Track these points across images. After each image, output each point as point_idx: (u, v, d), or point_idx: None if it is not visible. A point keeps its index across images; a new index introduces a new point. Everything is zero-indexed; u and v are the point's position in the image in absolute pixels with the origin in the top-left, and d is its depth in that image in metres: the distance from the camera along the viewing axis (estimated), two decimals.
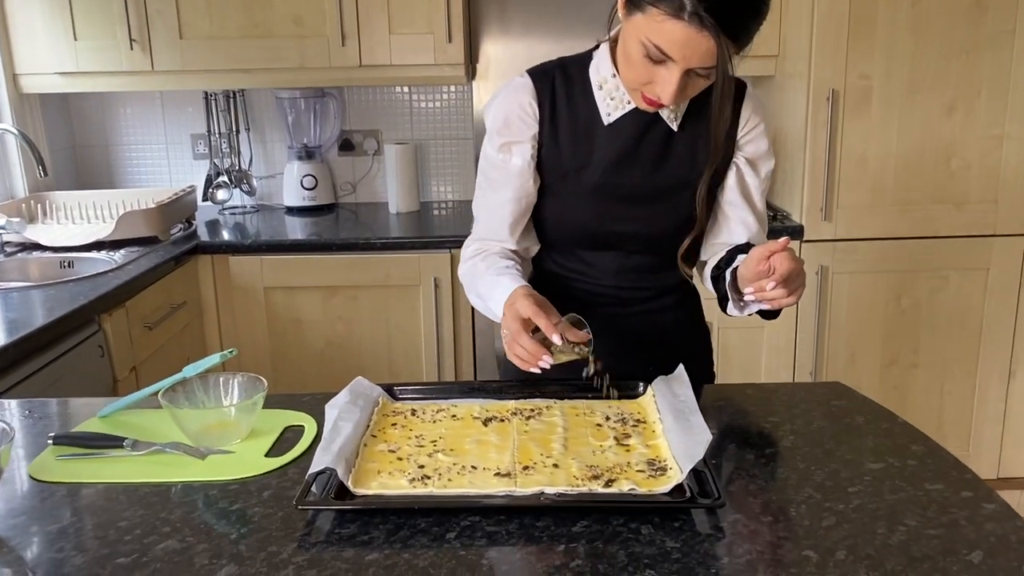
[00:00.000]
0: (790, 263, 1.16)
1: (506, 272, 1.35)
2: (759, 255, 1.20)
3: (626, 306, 1.46)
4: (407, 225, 2.82)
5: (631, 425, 1.22)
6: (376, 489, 1.06)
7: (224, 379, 1.28)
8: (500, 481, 1.07)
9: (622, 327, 1.47)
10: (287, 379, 2.64)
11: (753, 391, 1.37)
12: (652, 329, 1.48)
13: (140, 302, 2.22)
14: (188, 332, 2.53)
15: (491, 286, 1.35)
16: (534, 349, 1.20)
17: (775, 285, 1.17)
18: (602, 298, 1.46)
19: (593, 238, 1.42)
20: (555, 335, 1.19)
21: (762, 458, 1.14)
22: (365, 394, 1.29)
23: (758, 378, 2.66)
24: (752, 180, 1.40)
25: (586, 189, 1.38)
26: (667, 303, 1.48)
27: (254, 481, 1.11)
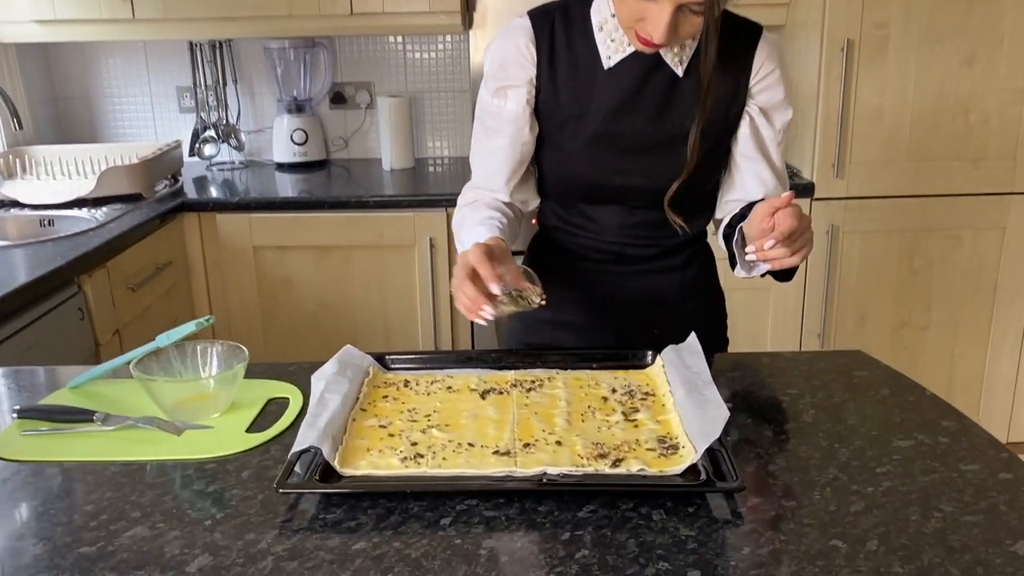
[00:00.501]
0: (791, 220, 1.08)
1: (485, 223, 1.28)
2: (763, 211, 1.11)
3: (630, 264, 1.38)
4: (401, 182, 2.72)
5: (639, 398, 1.13)
6: (365, 469, 0.98)
7: (202, 348, 1.19)
8: (499, 460, 0.99)
9: (626, 287, 1.39)
10: (278, 342, 2.56)
11: (769, 360, 1.28)
12: (658, 290, 1.40)
13: (122, 262, 2.13)
14: (175, 293, 2.44)
15: (468, 236, 1.28)
16: (475, 297, 1.09)
17: (774, 244, 1.09)
18: (605, 255, 1.38)
19: (594, 191, 1.33)
20: (494, 284, 1.09)
21: (781, 435, 1.06)
22: (354, 364, 1.21)
23: (764, 341, 2.58)
24: (767, 132, 1.30)
25: (585, 138, 1.29)
26: (674, 263, 1.39)
27: (233, 459, 1.03)
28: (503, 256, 1.17)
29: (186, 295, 2.52)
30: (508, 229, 1.31)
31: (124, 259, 2.14)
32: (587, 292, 1.40)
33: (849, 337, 2.60)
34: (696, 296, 1.42)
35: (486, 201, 1.36)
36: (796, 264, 1.13)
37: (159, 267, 2.32)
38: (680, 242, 1.37)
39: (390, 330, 2.54)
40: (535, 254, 1.47)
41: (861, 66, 2.39)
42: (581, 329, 1.41)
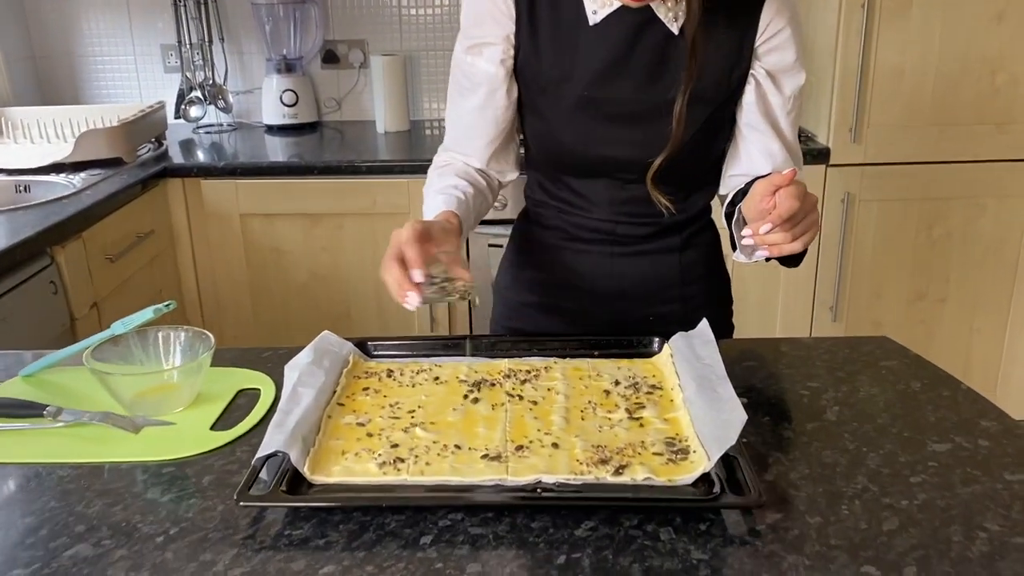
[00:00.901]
0: (792, 201, 0.95)
1: (446, 192, 1.18)
2: (763, 189, 0.99)
3: (623, 244, 1.26)
4: (396, 146, 2.59)
5: (645, 392, 1.03)
6: (338, 476, 0.88)
7: (164, 335, 1.08)
8: (488, 466, 0.88)
9: (619, 270, 1.27)
10: (267, 314, 2.46)
11: (787, 347, 1.17)
12: (654, 273, 1.28)
13: (100, 232, 2.02)
14: (159, 264, 2.33)
15: (429, 203, 1.19)
16: (398, 281, 0.97)
17: (771, 227, 0.97)
18: (596, 234, 1.26)
19: (579, 163, 1.21)
20: (416, 271, 0.97)
21: (802, 435, 0.95)
22: (332, 352, 1.10)
23: (774, 314, 2.47)
24: (775, 99, 1.17)
25: (568, 104, 1.17)
26: (672, 243, 1.27)
27: (195, 462, 0.93)
28: (444, 236, 1.06)
29: (171, 266, 2.41)
30: (471, 202, 1.20)
31: (102, 228, 2.03)
32: (576, 274, 1.28)
33: (863, 310, 2.49)
34: (698, 280, 1.30)
35: (456, 167, 1.25)
36: (797, 251, 1.00)
37: (140, 236, 2.21)
38: (679, 220, 1.25)
39: (383, 302, 2.43)
40: (521, 231, 1.36)
41: (882, 21, 2.25)
42: (569, 315, 1.30)
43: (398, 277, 0.97)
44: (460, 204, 1.17)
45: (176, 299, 2.46)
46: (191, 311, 2.47)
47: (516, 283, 1.35)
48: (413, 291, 0.96)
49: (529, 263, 1.32)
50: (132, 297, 2.15)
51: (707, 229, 1.30)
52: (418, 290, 0.97)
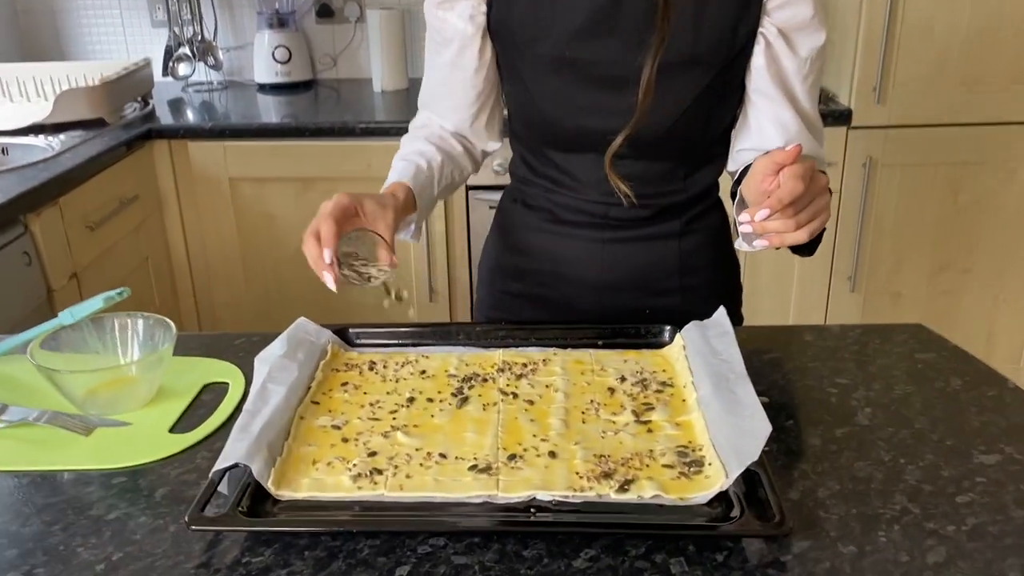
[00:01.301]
0: (795, 183, 0.83)
1: (405, 159, 1.09)
2: (764, 167, 0.87)
3: (615, 229, 1.12)
4: (393, 106, 2.46)
5: (654, 391, 0.92)
6: (307, 490, 0.78)
7: (122, 323, 0.98)
8: (477, 480, 0.78)
9: (611, 257, 1.13)
10: (260, 283, 2.36)
11: (811, 337, 1.06)
12: (651, 262, 1.14)
13: (78, 198, 1.91)
14: (145, 231, 2.22)
15: (393, 167, 1.10)
16: (314, 257, 0.90)
17: (769, 214, 0.84)
18: (584, 217, 1.12)
19: (562, 135, 1.08)
20: (326, 250, 0.88)
21: (831, 443, 0.85)
22: (308, 342, 1.00)
23: (789, 284, 2.35)
24: (789, 62, 1.02)
25: (545, 66, 1.04)
26: (672, 228, 1.13)
27: (149, 471, 0.83)
28: (378, 212, 0.95)
29: (158, 233, 2.30)
30: (437, 171, 1.09)
31: (80, 194, 1.92)
32: (563, 262, 1.15)
33: (883, 281, 2.37)
34: (700, 269, 1.16)
35: (430, 130, 1.15)
36: (802, 241, 0.87)
37: (124, 202, 2.10)
38: (680, 201, 1.11)
39: None
40: (505, 212, 1.23)
41: None
42: (554, 307, 1.18)
43: (314, 255, 0.89)
44: (419, 174, 1.06)
45: (165, 267, 2.38)
46: (181, 281, 2.37)
47: (498, 269, 1.23)
48: (327, 271, 0.88)
49: (512, 247, 1.20)
50: (116, 266, 2.05)
51: (712, 211, 1.16)
52: (331, 269, 0.88)
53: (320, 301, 2.41)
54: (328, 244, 0.88)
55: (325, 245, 0.88)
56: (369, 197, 0.96)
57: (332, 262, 0.88)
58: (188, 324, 2.40)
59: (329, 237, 0.88)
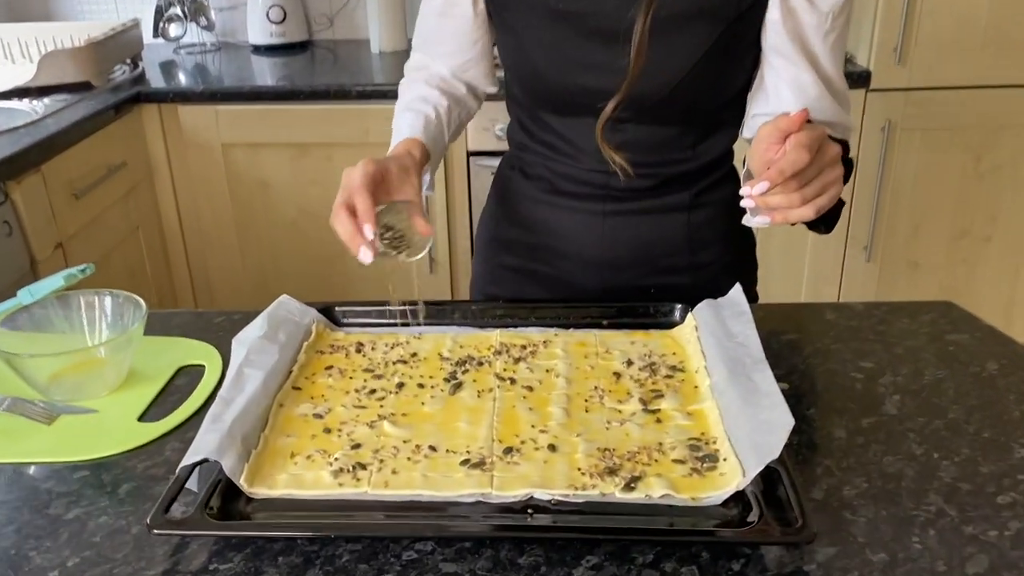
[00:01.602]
0: (800, 153, 0.74)
1: (413, 109, 1.02)
2: (768, 135, 0.79)
3: (618, 201, 1.04)
4: (391, 67, 2.37)
5: (663, 376, 0.85)
6: (284, 487, 0.71)
7: (89, 301, 0.91)
8: (469, 476, 0.71)
9: (614, 232, 1.05)
10: (255, 253, 2.28)
11: (833, 315, 0.99)
12: (657, 237, 1.05)
13: (62, 165, 1.83)
14: (135, 199, 2.14)
15: (396, 121, 1.03)
16: (349, 235, 0.83)
17: (768, 187, 0.75)
18: (585, 187, 1.04)
19: (558, 96, 0.99)
20: (367, 226, 0.82)
21: (857, 435, 0.77)
22: (290, 322, 0.92)
23: (802, 252, 2.27)
24: (808, 16, 0.92)
25: (538, 18, 0.95)
26: (680, 200, 1.04)
27: (114, 464, 0.77)
28: (403, 177, 0.90)
29: (149, 201, 2.23)
30: (444, 117, 1.04)
31: (65, 161, 1.84)
32: (561, 236, 1.07)
33: (900, 249, 2.28)
34: (712, 245, 1.07)
35: (429, 73, 1.08)
36: (807, 218, 0.78)
37: (111, 169, 2.01)
38: (690, 171, 1.03)
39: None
40: (502, 180, 1.15)
41: None
42: (552, 284, 1.10)
43: (350, 230, 0.82)
44: (429, 125, 1.01)
45: (157, 237, 2.30)
46: (174, 251, 2.30)
47: (495, 241, 1.15)
48: (366, 247, 0.82)
49: (510, 218, 1.12)
50: (104, 236, 1.98)
51: (725, 182, 1.07)
52: (371, 246, 0.82)
53: (318, 271, 2.35)
54: (367, 219, 0.82)
55: (364, 220, 0.82)
56: (392, 161, 0.90)
57: (374, 238, 0.82)
58: (183, 296, 2.33)
59: (367, 211, 0.82)
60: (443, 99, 1.04)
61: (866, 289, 2.30)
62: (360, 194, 0.82)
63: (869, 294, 2.30)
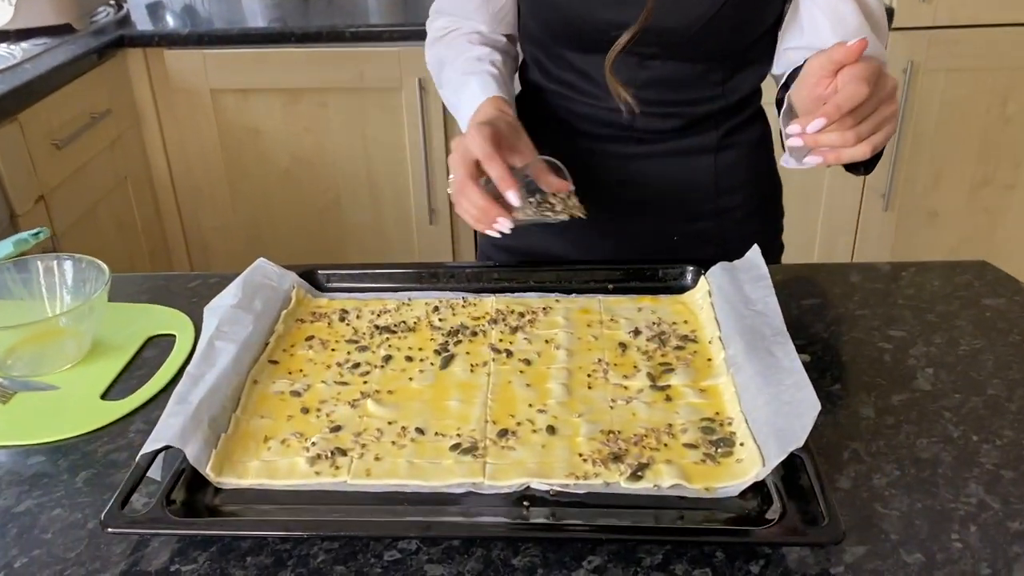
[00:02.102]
0: (858, 86, 0.68)
1: (476, 71, 0.93)
2: (819, 68, 0.72)
3: (643, 143, 0.97)
4: (387, 8, 2.25)
5: (674, 347, 0.78)
6: (255, 476, 0.65)
7: (47, 266, 0.84)
8: (459, 463, 0.65)
9: (638, 175, 0.98)
10: (248, 204, 2.20)
11: (859, 277, 0.91)
12: (682, 180, 0.99)
13: (42, 113, 1.74)
14: (121, 148, 2.06)
15: (457, 90, 0.94)
16: (485, 206, 0.78)
17: (825, 124, 0.68)
18: (608, 128, 0.97)
19: (581, 31, 0.92)
20: (512, 192, 0.77)
21: (887, 414, 0.70)
22: (268, 288, 0.85)
23: (817, 200, 2.18)
24: None
25: None
26: (707, 140, 0.97)
27: (72, 447, 0.70)
28: (514, 137, 0.84)
29: (137, 150, 2.14)
30: (503, 74, 0.95)
31: (45, 109, 1.75)
32: (583, 182, 1.00)
33: (919, 198, 2.19)
34: (738, 189, 1.01)
35: (463, 33, 0.99)
36: (863, 157, 0.72)
37: (95, 117, 1.93)
38: (717, 110, 0.95)
39: (377, 189, 2.17)
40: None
41: None
42: (574, 233, 1.02)
43: (483, 203, 0.78)
44: (498, 82, 0.92)
45: (147, 188, 2.22)
46: (165, 203, 2.22)
47: None
48: (505, 217, 0.78)
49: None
50: (90, 187, 1.90)
51: (754, 122, 1.00)
52: (510, 215, 0.78)
53: (312, 222, 2.26)
54: (511, 184, 0.77)
55: (507, 187, 0.77)
56: (501, 122, 0.84)
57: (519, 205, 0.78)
58: (176, 249, 2.26)
59: (508, 177, 0.77)
60: (494, 53, 0.96)
61: (883, 240, 2.21)
62: (493, 160, 0.77)
63: (886, 245, 2.22)
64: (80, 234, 1.85)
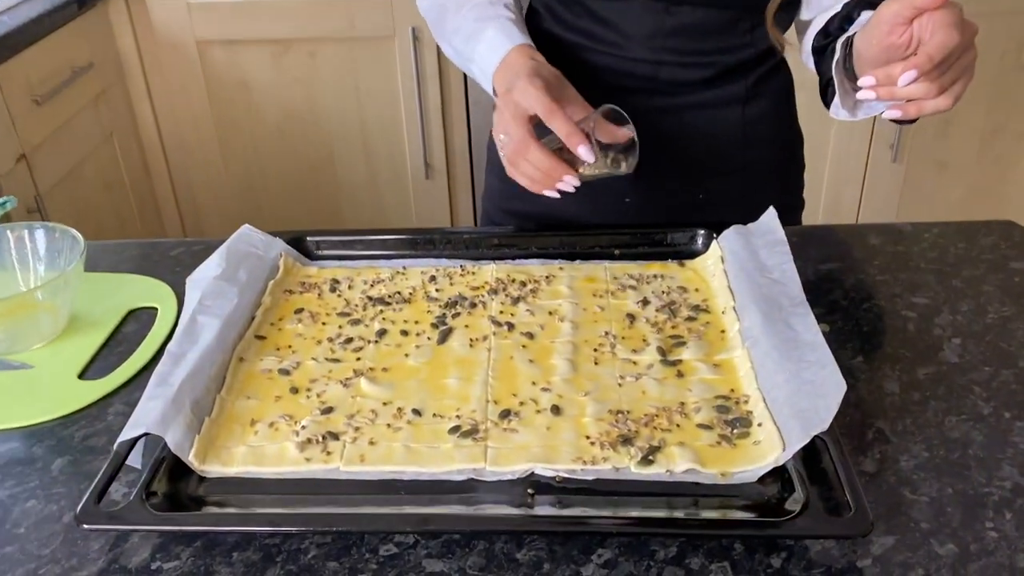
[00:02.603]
0: (948, 33, 0.63)
1: (491, 19, 0.85)
2: (894, 14, 0.65)
3: (668, 95, 0.91)
4: None
5: (685, 318, 0.73)
6: (242, 464, 0.61)
7: (18, 236, 0.79)
8: (459, 448, 0.61)
9: (662, 131, 0.92)
10: (239, 160, 2.14)
11: (878, 239, 0.86)
12: (710, 133, 0.93)
13: (19, 67, 1.67)
14: (106, 103, 1.99)
15: (469, 38, 0.86)
16: (551, 167, 0.73)
17: (915, 76, 0.64)
18: (629, 80, 0.90)
19: None
20: (583, 147, 0.72)
21: (912, 390, 0.66)
22: (253, 257, 0.80)
23: (824, 152, 2.12)
24: None
25: None
26: (735, 92, 0.91)
27: (48, 432, 0.66)
28: (561, 88, 0.78)
29: (122, 105, 2.07)
30: (521, 20, 0.88)
31: (22, 62, 1.68)
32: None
33: (928, 148, 2.13)
34: (765, 142, 0.96)
35: None
36: (945, 109, 0.68)
37: (76, 71, 1.85)
38: (746, 58, 0.90)
39: (371, 145, 2.10)
40: None
41: None
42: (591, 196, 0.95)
43: (549, 164, 0.73)
44: (519, 27, 0.85)
45: (134, 145, 2.15)
46: (154, 160, 2.15)
47: None
48: (572, 175, 0.73)
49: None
50: (74, 144, 1.84)
51: (779, 70, 0.95)
52: (573, 171, 0.74)
53: (305, 178, 2.20)
54: (582, 139, 0.71)
55: (575, 141, 0.71)
56: (540, 73, 0.77)
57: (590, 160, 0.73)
58: (167, 209, 2.21)
59: (575, 131, 0.72)
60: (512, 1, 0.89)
61: (891, 191, 2.16)
62: (556, 114, 0.72)
63: (893, 196, 2.16)
64: (65, 194, 1.79)
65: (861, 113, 0.80)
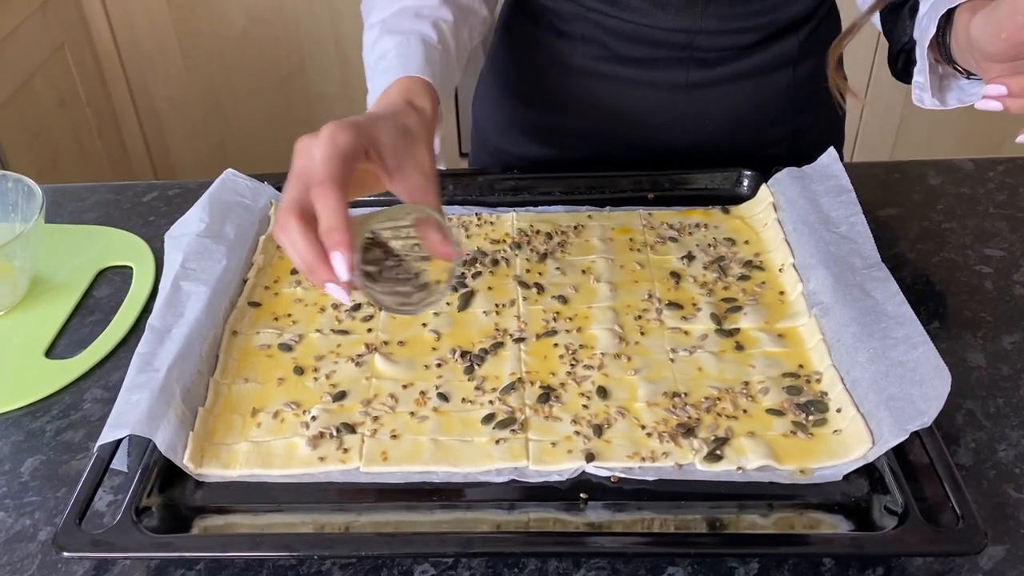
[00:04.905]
0: None
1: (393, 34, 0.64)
2: None
3: (709, 66, 0.77)
4: None
5: (737, 277, 0.65)
6: (244, 465, 0.52)
7: None
8: (496, 443, 0.53)
9: (697, 109, 0.78)
10: (203, 71, 1.98)
11: (937, 178, 0.77)
12: (755, 103, 0.80)
13: None
14: (54, 10, 1.81)
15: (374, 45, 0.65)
16: (309, 257, 0.47)
17: None
18: (661, 50, 0.76)
19: None
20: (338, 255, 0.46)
21: (999, 361, 0.59)
22: (240, 207, 0.70)
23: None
24: None
25: None
26: (786, 51, 0.77)
27: (12, 426, 0.57)
28: (402, 151, 0.52)
29: (73, 11, 1.89)
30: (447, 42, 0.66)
31: None
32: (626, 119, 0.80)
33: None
34: (814, 105, 0.81)
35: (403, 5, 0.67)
36: None
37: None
38: (798, 17, 0.76)
39: (346, 53, 1.95)
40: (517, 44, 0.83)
41: None
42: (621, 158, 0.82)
43: (308, 253, 0.46)
44: (431, 52, 0.63)
45: (89, 55, 1.98)
46: (111, 71, 1.99)
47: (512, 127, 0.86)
48: (336, 284, 0.47)
49: (531, 96, 0.83)
50: (21, 57, 1.68)
51: (829, 18, 0.81)
52: (346, 285, 0.47)
53: (276, 90, 2.05)
54: (339, 239, 0.45)
55: (333, 239, 0.46)
56: (383, 123, 0.53)
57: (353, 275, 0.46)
58: (127, 123, 2.05)
59: (338, 222, 0.46)
60: (443, 8, 0.67)
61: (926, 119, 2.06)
62: (326, 193, 0.46)
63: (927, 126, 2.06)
64: (17, 111, 1.64)
65: (953, 101, 0.64)
